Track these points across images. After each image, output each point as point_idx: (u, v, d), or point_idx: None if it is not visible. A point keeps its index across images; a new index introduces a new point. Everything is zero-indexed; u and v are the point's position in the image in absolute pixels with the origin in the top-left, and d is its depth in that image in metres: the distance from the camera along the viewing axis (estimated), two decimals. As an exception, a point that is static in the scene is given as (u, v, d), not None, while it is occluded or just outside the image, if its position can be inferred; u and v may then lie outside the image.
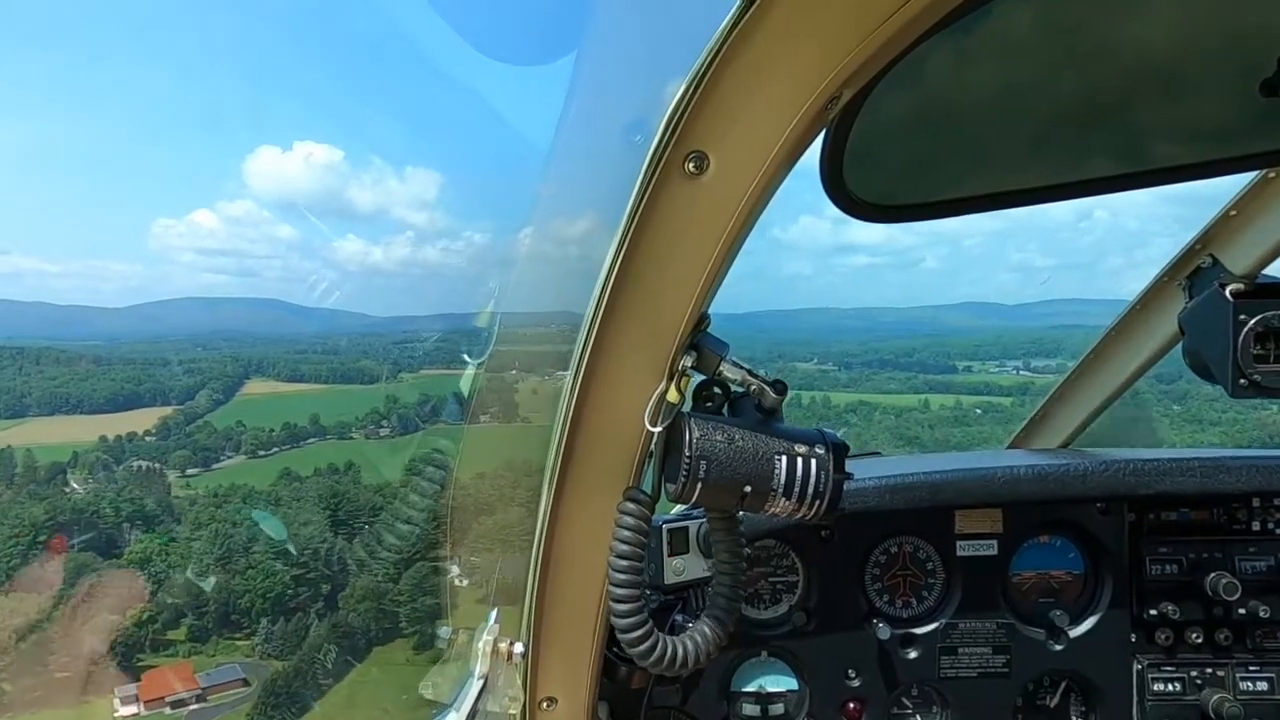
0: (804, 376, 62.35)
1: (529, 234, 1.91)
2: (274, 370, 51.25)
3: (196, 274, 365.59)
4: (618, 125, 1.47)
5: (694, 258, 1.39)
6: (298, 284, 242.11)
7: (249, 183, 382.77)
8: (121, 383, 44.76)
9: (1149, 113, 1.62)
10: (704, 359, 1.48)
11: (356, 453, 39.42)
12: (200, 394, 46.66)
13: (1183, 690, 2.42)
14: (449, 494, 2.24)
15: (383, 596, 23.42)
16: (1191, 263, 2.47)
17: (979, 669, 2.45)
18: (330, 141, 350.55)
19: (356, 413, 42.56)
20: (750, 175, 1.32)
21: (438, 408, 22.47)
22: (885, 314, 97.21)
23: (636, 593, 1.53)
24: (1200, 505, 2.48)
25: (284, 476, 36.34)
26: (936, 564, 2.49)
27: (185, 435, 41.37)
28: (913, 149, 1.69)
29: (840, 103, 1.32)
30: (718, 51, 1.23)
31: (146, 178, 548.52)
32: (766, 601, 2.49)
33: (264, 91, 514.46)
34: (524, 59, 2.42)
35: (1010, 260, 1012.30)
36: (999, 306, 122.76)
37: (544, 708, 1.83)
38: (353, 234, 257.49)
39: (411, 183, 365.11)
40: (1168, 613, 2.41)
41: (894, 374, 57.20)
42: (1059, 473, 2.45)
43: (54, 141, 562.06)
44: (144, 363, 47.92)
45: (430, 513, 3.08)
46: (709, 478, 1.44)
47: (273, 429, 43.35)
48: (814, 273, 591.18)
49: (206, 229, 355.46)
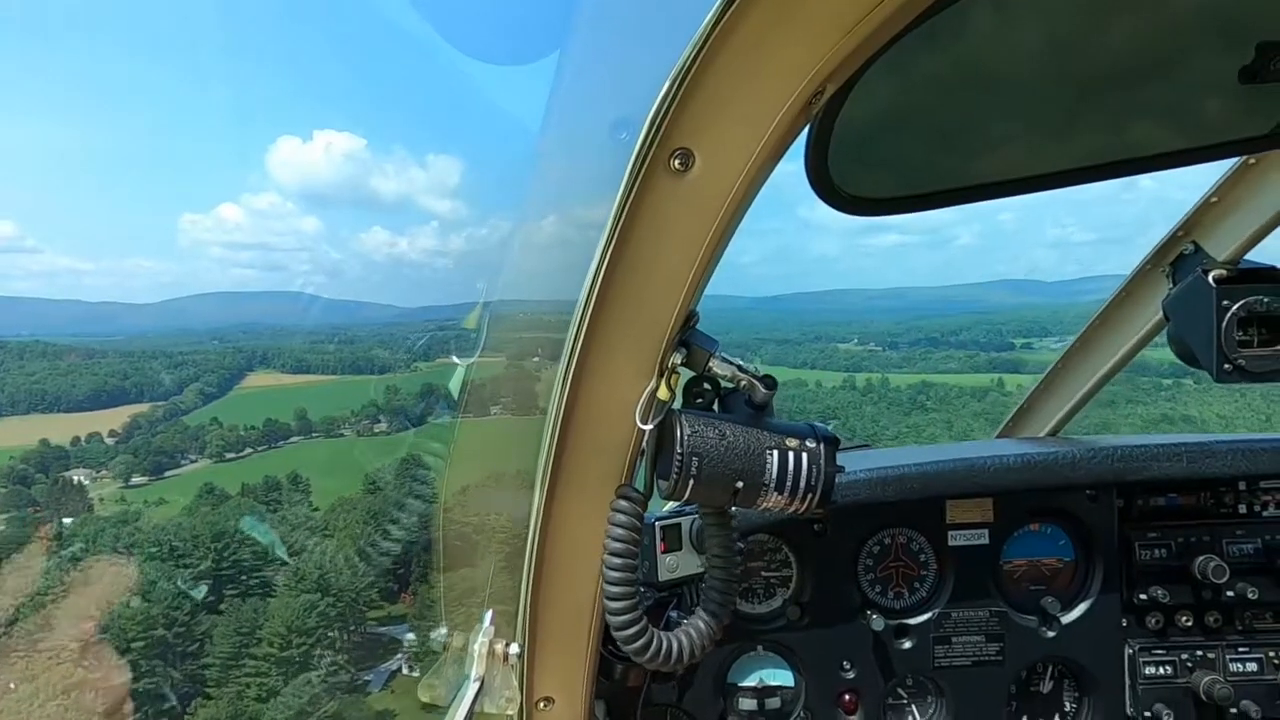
0: (849, 357, 61.70)
1: (516, 233, 1.90)
2: (278, 361, 49.61)
3: (227, 269, 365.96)
4: (603, 123, 1.47)
5: (681, 255, 1.39)
6: (302, 277, 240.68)
7: (272, 176, 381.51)
8: (105, 378, 42.72)
9: (1129, 101, 1.63)
10: (694, 356, 1.48)
11: (337, 454, 37.86)
12: (190, 389, 44.36)
13: (1174, 673, 2.45)
14: (441, 495, 2.23)
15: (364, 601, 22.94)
16: (1174, 250, 2.49)
17: (973, 657, 2.47)
18: (322, 139, 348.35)
19: (350, 408, 41.09)
20: (736, 171, 1.32)
21: (424, 409, 22.07)
22: (918, 293, 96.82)
23: (631, 590, 1.53)
24: (1187, 490, 2.51)
25: (242, 493, 34.08)
26: (929, 555, 2.51)
27: (149, 437, 39.00)
28: (897, 142, 1.70)
29: (824, 97, 1.32)
30: (701, 48, 1.23)
31: (172, 176, 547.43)
32: (761, 596, 2.49)
33: (268, 87, 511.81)
34: (507, 58, 2.40)
35: (1047, 237, 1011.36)
36: (1039, 283, 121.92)
37: (541, 708, 1.83)
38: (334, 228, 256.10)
39: (399, 181, 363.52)
40: (1158, 597, 2.43)
41: (950, 352, 56.38)
42: (1048, 461, 2.47)
43: (79, 141, 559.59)
44: (144, 355, 46.04)
45: (420, 515, 3.06)
46: (701, 474, 1.45)
47: (254, 426, 41.41)
48: (841, 253, 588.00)
49: (232, 223, 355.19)
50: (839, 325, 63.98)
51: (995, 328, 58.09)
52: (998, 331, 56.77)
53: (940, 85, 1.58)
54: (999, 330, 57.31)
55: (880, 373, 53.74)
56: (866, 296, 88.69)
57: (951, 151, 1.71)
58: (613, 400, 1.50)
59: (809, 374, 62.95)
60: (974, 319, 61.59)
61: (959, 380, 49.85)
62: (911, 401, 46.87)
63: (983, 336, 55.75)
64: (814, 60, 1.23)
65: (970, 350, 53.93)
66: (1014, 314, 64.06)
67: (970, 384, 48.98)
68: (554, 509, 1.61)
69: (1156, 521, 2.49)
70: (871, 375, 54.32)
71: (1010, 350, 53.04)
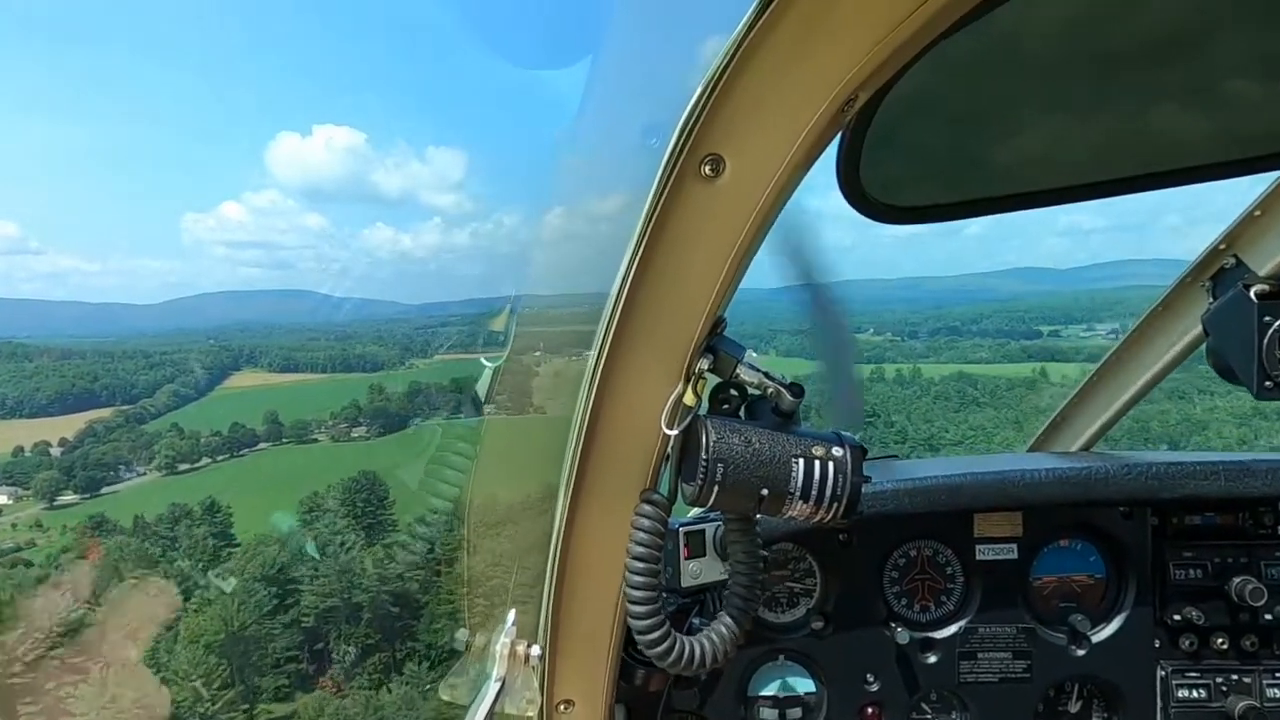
0: (870, 347, 60.03)
1: (546, 236, 1.92)
2: (266, 360, 46.62)
3: (235, 268, 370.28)
4: (634, 128, 1.48)
5: (710, 261, 1.39)
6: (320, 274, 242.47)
7: (274, 173, 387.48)
8: (73, 380, 40.03)
9: (1171, 111, 1.60)
10: (720, 362, 1.48)
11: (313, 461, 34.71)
12: (163, 391, 41.17)
13: (1208, 697, 2.39)
14: (466, 498, 2.25)
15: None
16: (1215, 263, 2.43)
17: (999, 674, 2.43)
18: (344, 142, 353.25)
19: (333, 408, 37.91)
20: (766, 178, 1.32)
21: (437, 410, 21.12)
22: (932, 282, 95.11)
23: (653, 594, 1.53)
24: (1225, 509, 2.45)
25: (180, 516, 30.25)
26: (956, 568, 2.47)
27: (88, 450, 34.66)
28: (929, 151, 1.69)
29: (857, 104, 1.32)
30: (734, 54, 1.23)
31: (174, 174, 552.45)
32: (784, 605, 2.48)
33: (275, 81, 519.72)
34: (541, 64, 2.42)
35: (1058, 224, 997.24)
36: (1051, 271, 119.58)
37: (561, 710, 1.83)
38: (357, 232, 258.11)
39: (425, 183, 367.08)
40: (1192, 618, 2.37)
41: (979, 341, 54.92)
42: (1081, 476, 2.43)
43: (81, 142, 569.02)
44: (121, 355, 42.74)
45: (445, 516, 3.09)
46: (726, 481, 1.44)
47: (219, 432, 38.32)
48: (853, 244, 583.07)
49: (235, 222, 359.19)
50: (854, 315, 62.31)
51: (1017, 315, 56.72)
52: (1020, 319, 55.38)
53: (976, 93, 1.56)
54: (1021, 318, 55.93)
55: (910, 363, 52.41)
56: (881, 286, 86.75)
57: (986, 161, 1.70)
58: (639, 405, 1.51)
59: (834, 366, 59.89)
60: (994, 307, 60.12)
61: (998, 371, 48.30)
62: (960, 396, 45.40)
63: (1006, 325, 54.40)
64: (847, 67, 1.22)
65: (997, 339, 52.45)
66: (1033, 301, 62.41)
67: (1011, 374, 47.40)
68: (578, 512, 1.62)
69: (1192, 541, 2.43)
70: (901, 366, 52.97)
71: (1038, 338, 51.62)
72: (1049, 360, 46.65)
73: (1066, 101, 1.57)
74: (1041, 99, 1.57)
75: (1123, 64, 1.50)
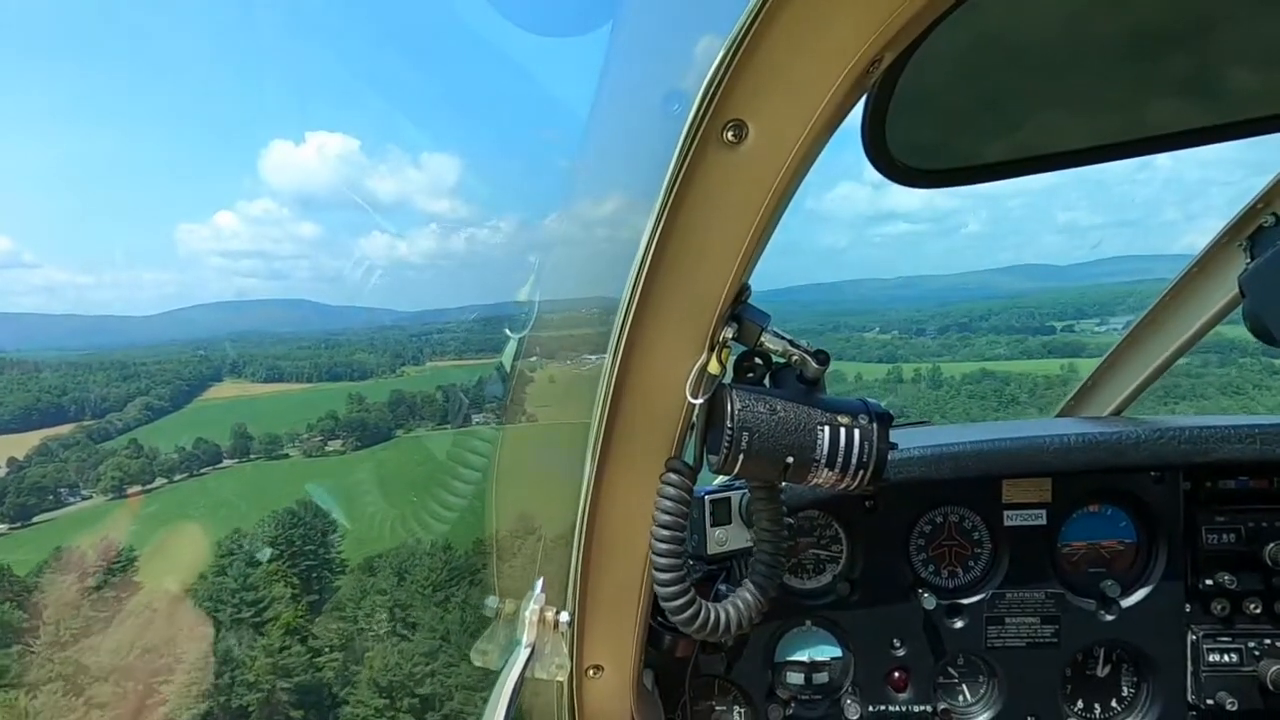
0: (880, 346, 59.45)
1: (568, 212, 1.91)
2: (249, 370, 44.22)
3: (230, 278, 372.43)
4: (655, 96, 1.46)
5: (734, 228, 1.38)
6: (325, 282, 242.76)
7: (267, 179, 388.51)
8: (39, 394, 36.97)
9: (1222, 57, 1.54)
10: (745, 330, 1.48)
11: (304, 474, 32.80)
12: (134, 404, 37.93)
13: (1240, 661, 2.37)
14: (494, 467, 2.28)
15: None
16: (1253, 222, 2.37)
17: (1027, 639, 2.43)
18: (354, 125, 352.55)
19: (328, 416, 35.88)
20: (790, 143, 1.30)
21: (453, 400, 20.34)
22: (931, 281, 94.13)
23: (679, 561, 1.55)
24: (1259, 473, 2.41)
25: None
26: (983, 534, 2.47)
27: (23, 472, 31.29)
28: (958, 112, 1.65)
29: (882, 66, 1.29)
30: (756, 16, 1.21)
31: (167, 183, 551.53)
32: (810, 571, 2.49)
33: (272, 78, 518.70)
34: (559, 30, 2.39)
35: (1056, 221, 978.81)
36: (1052, 268, 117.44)
37: (590, 675, 1.87)
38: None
39: (434, 168, 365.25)
40: (1224, 583, 2.35)
41: (992, 338, 54.26)
42: (1111, 441, 2.40)
43: (73, 153, 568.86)
44: (92, 368, 40.16)
45: (476, 485, 3.13)
46: (751, 449, 1.45)
47: (182, 447, 34.76)
48: (849, 244, 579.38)
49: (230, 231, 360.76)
50: (856, 315, 61.10)
51: (1026, 311, 55.78)
52: (1030, 315, 54.44)
53: (1005, 51, 1.52)
54: (1031, 314, 54.98)
55: (928, 362, 51.58)
56: (881, 286, 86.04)
57: (1018, 120, 1.66)
58: (663, 374, 1.51)
59: (847, 366, 60.21)
60: (1001, 304, 59.20)
61: (1023, 367, 47.44)
62: (997, 395, 44.43)
63: (1015, 320, 53.53)
64: (872, 27, 1.19)
65: (1008, 335, 51.58)
66: (1039, 297, 61.35)
67: (1040, 371, 46.43)
68: (604, 481, 1.63)
69: (1225, 505, 2.40)
70: (920, 365, 52.20)
71: (1051, 334, 50.78)
72: (1072, 356, 45.62)
73: (1110, 51, 1.52)
74: (1080, 53, 1.51)
75: (1171, 3, 1.44)
